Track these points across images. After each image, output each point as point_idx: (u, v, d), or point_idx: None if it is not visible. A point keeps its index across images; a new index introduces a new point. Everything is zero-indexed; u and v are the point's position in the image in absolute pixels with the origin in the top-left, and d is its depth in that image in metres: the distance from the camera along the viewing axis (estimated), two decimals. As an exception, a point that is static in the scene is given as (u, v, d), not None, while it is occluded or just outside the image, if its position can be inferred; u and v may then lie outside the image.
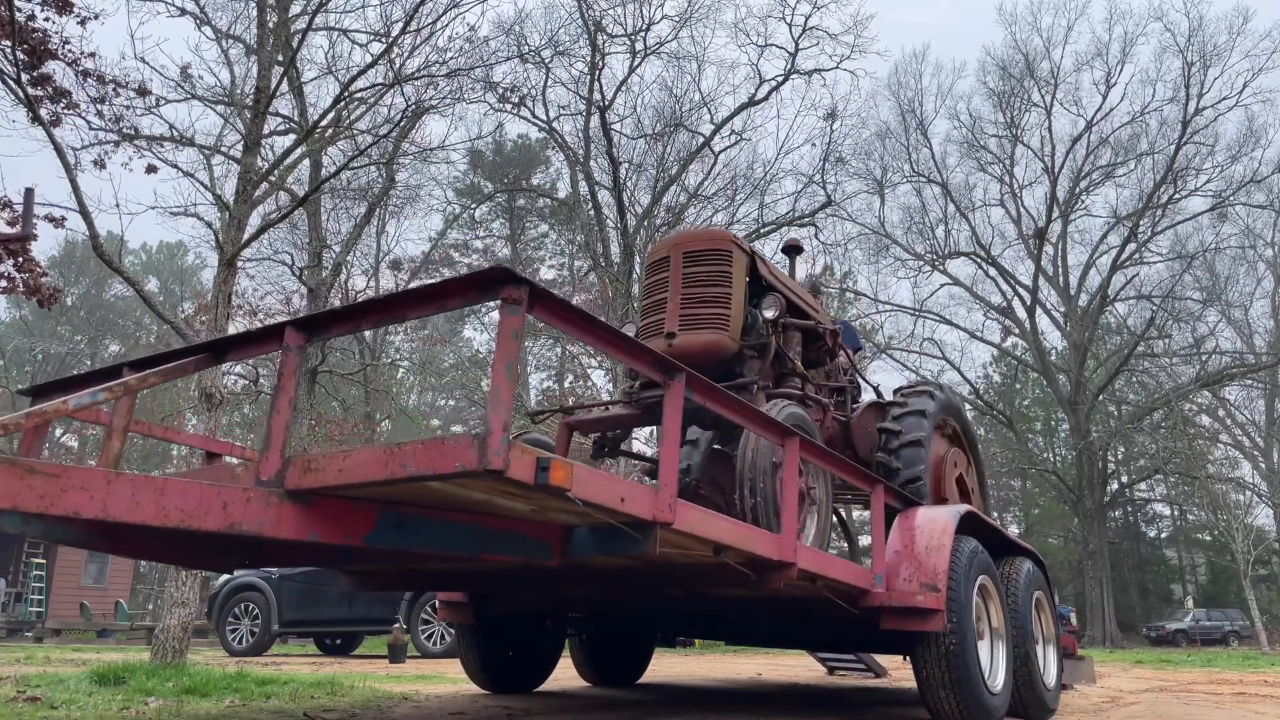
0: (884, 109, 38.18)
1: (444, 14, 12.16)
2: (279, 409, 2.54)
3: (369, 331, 25.83)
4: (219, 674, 5.68)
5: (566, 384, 33.43)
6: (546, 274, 35.56)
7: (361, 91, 12.06)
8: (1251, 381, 32.13)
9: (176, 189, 71.19)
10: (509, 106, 21.10)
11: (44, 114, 8.55)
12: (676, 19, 24.17)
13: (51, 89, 9.37)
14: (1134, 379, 34.05)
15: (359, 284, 26.19)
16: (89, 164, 10.36)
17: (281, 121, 16.04)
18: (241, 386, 21.07)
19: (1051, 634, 5.39)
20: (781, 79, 24.83)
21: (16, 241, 8.14)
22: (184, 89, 13.01)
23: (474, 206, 32.01)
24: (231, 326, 10.59)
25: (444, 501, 2.71)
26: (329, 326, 2.67)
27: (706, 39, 55.51)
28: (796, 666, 10.21)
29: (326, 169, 16.51)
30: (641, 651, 6.97)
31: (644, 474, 5.93)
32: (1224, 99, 29.98)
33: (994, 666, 4.48)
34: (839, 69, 24.53)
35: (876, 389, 6.68)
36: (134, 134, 10.95)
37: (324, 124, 11.58)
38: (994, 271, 33.27)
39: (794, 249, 6.38)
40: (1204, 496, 29.35)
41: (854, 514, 7.55)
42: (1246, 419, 34.72)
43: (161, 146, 11.39)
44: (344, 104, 11.68)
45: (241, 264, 12.19)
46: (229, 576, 12.59)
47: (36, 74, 9.00)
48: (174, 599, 7.42)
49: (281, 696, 5.10)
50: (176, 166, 11.40)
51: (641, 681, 6.87)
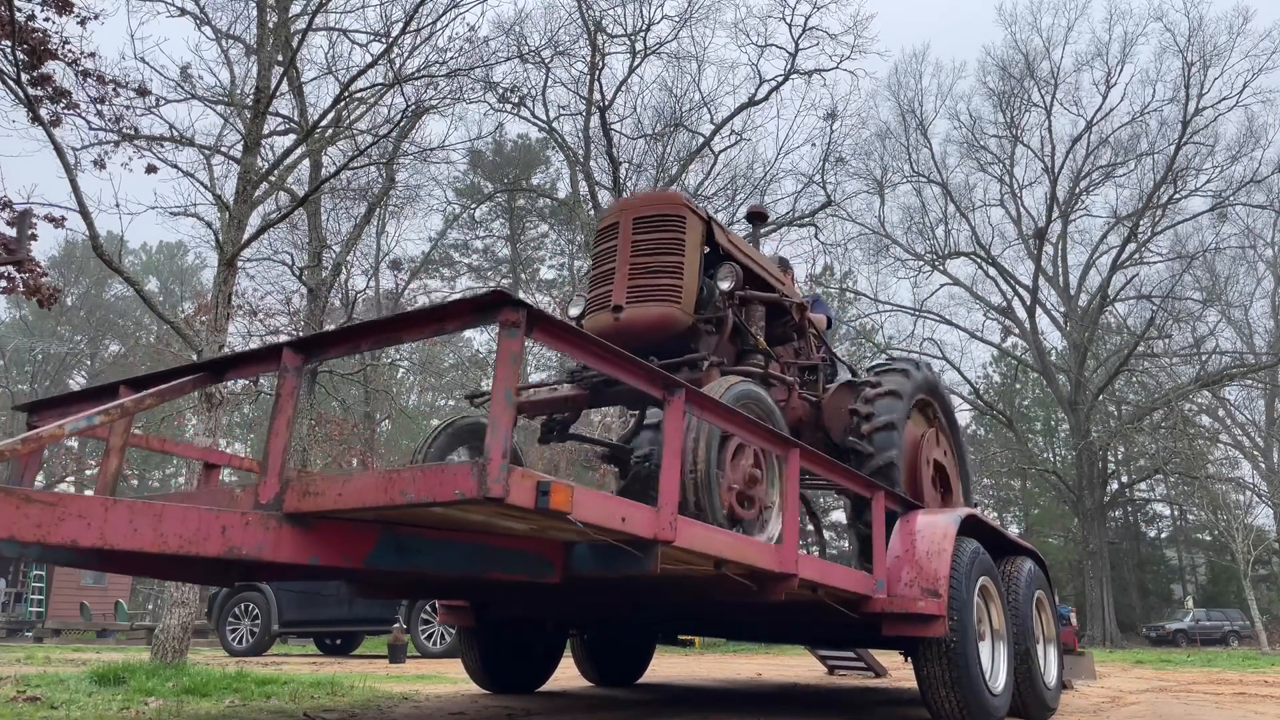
0: (884, 109, 38.18)
1: (444, 14, 12.18)
2: (277, 430, 2.50)
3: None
4: (219, 674, 5.68)
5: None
6: (546, 274, 35.56)
7: (361, 91, 12.07)
8: (1251, 381, 32.10)
9: (176, 189, 71.26)
10: (509, 106, 21.15)
11: (44, 114, 8.55)
12: (676, 19, 24.21)
13: (51, 89, 9.36)
14: (1134, 379, 34.02)
15: (359, 284, 26.17)
16: (89, 164, 10.37)
17: (281, 121, 16.03)
18: (242, 386, 21.05)
19: (1052, 633, 5.38)
20: (781, 79, 24.87)
21: (11, 264, 8.12)
22: (184, 89, 13.01)
23: (474, 206, 32.02)
24: (231, 326, 10.59)
25: (444, 523, 2.69)
26: (327, 348, 2.65)
27: (706, 39, 55.25)
28: (797, 666, 10.21)
29: (326, 169, 16.48)
30: (642, 651, 6.97)
31: (600, 458, 5.60)
32: (1224, 99, 29.99)
33: (995, 667, 4.48)
34: (839, 69, 24.59)
35: (851, 367, 6.20)
36: (134, 134, 10.94)
37: (324, 124, 11.58)
38: (994, 271, 33.27)
39: (758, 216, 5.94)
40: (1204, 496, 29.33)
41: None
42: (1246, 419, 34.73)
43: (161, 146, 11.39)
44: (344, 104, 11.69)
45: (241, 264, 12.17)
46: (229, 577, 12.59)
47: (36, 74, 8.99)
48: (174, 599, 7.43)
49: (281, 696, 5.10)
50: (176, 166, 11.41)
51: (642, 681, 6.87)
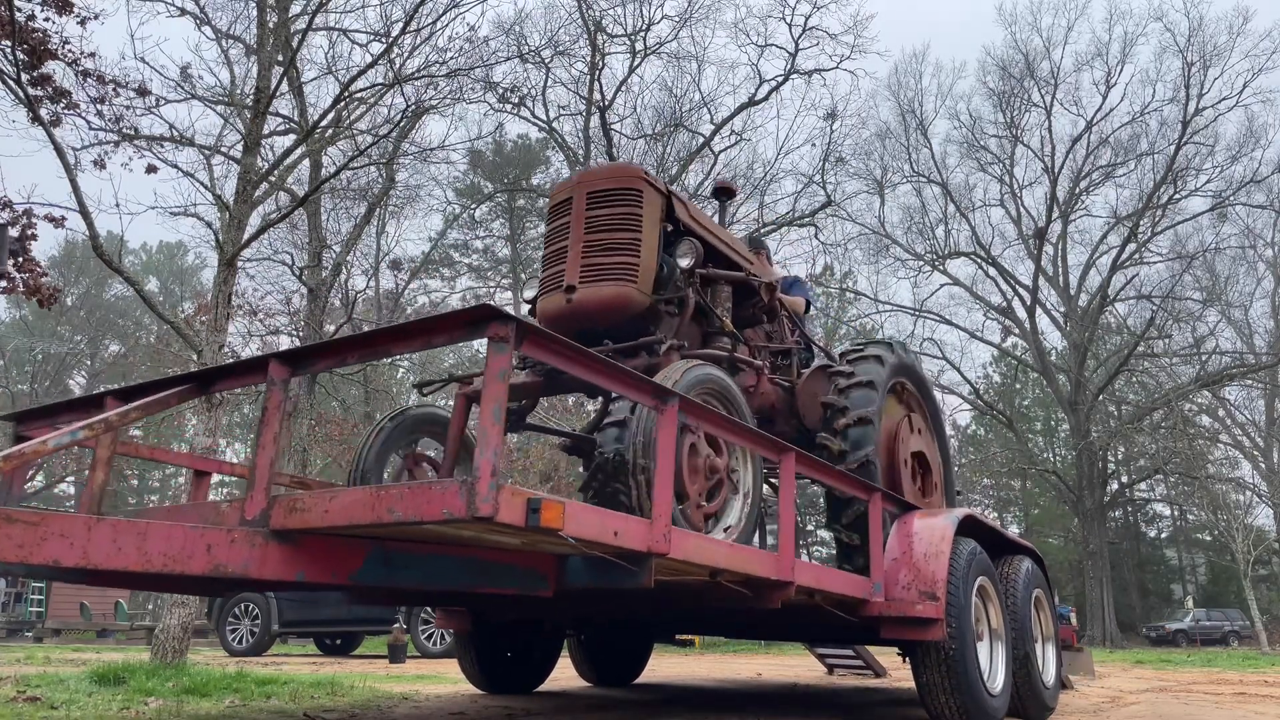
0: (884, 109, 38.27)
1: (444, 14, 12.21)
2: (263, 445, 2.47)
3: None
4: (219, 674, 5.69)
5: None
6: (546, 274, 35.47)
7: (361, 91, 12.08)
8: (1251, 381, 32.10)
9: (176, 189, 71.24)
10: (509, 106, 21.14)
11: (44, 114, 8.55)
12: (676, 19, 24.21)
13: (51, 89, 9.36)
14: (1134, 379, 34.00)
15: (359, 284, 26.17)
16: (89, 164, 10.39)
17: (281, 121, 16.05)
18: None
19: (1051, 632, 5.36)
20: (781, 79, 24.85)
21: None
22: (184, 89, 13.04)
23: (474, 206, 32.00)
24: (231, 326, 10.59)
25: (434, 538, 2.67)
26: (314, 360, 2.63)
27: (706, 39, 55.33)
28: (797, 666, 10.21)
29: (326, 169, 16.48)
30: (640, 652, 6.97)
31: (562, 449, 5.41)
32: (1224, 99, 29.99)
33: (993, 668, 4.47)
34: (839, 69, 24.58)
35: (828, 351, 5.90)
36: (134, 134, 10.96)
37: (324, 124, 11.59)
38: (994, 271, 33.25)
39: (725, 191, 5.68)
40: (1204, 496, 29.32)
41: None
42: (1246, 419, 34.72)
43: (161, 146, 11.42)
44: (344, 104, 11.70)
45: (241, 264, 12.18)
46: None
47: (36, 74, 8.99)
48: (174, 599, 7.43)
49: (281, 696, 5.11)
50: (176, 166, 11.45)
51: (641, 681, 6.87)
